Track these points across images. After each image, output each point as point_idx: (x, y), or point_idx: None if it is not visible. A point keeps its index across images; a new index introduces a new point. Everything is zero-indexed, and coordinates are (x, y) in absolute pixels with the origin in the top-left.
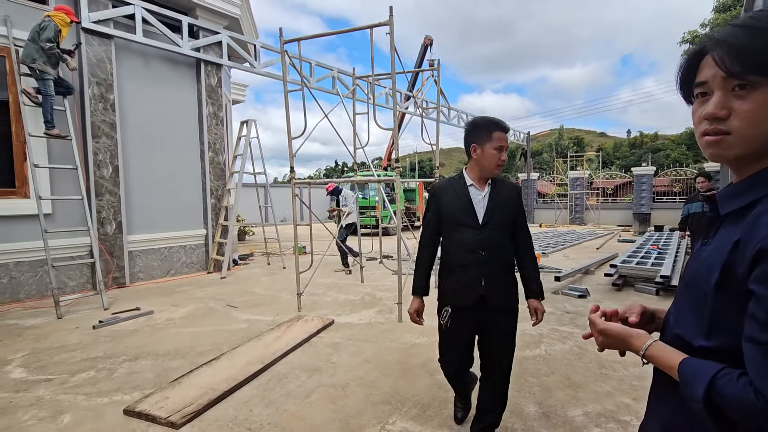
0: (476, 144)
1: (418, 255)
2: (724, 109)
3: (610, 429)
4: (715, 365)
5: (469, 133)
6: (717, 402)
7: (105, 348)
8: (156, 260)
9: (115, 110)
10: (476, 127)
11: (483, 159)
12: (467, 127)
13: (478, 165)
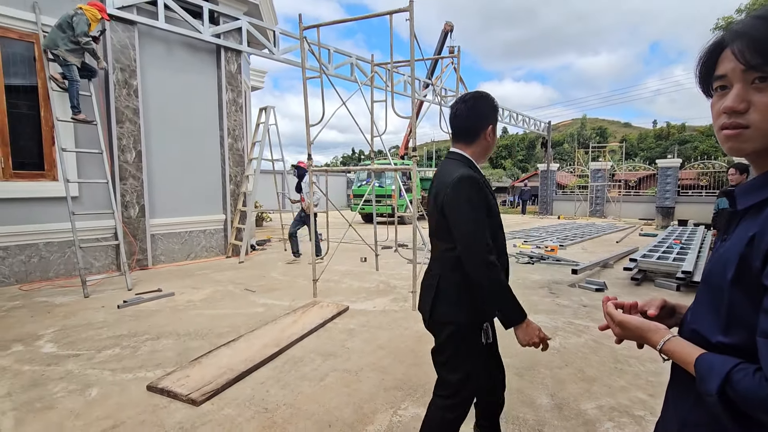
0: (494, 125)
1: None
2: (743, 103)
3: (623, 423)
4: (731, 360)
5: (492, 110)
6: (732, 397)
7: (129, 327)
8: (177, 244)
9: (138, 96)
10: (494, 106)
11: (492, 144)
12: (487, 103)
13: (485, 151)
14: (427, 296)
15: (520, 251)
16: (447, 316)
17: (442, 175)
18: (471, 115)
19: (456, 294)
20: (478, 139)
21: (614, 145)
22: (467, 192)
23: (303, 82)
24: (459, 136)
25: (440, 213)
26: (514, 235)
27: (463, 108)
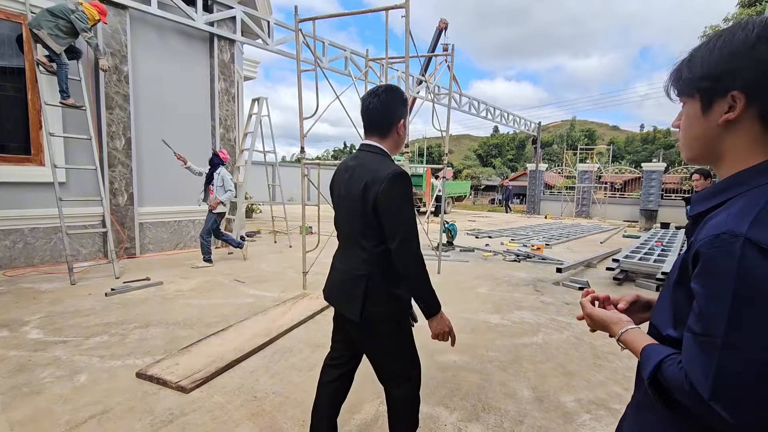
0: (404, 120)
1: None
2: (678, 121)
3: (600, 416)
4: (666, 350)
5: (402, 104)
6: (662, 382)
7: (117, 314)
8: (165, 233)
9: (129, 82)
10: (404, 99)
11: (403, 138)
12: (398, 97)
13: (397, 145)
14: (351, 295)
15: (507, 249)
16: (383, 314)
17: (368, 169)
18: (383, 109)
19: (389, 292)
20: (390, 133)
21: (602, 148)
22: (404, 188)
23: (297, 74)
24: (373, 129)
25: (372, 209)
26: (501, 233)
27: (375, 102)
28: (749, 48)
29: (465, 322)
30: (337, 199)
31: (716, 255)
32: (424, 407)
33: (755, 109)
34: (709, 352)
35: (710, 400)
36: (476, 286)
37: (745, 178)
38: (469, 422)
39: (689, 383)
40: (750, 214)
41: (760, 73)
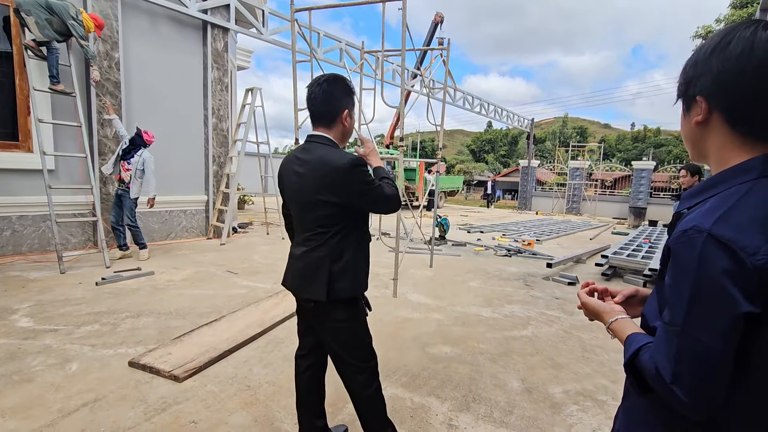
0: (349, 110)
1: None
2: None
3: (587, 407)
4: (647, 338)
5: (347, 93)
6: (638, 367)
7: (108, 304)
8: (156, 223)
9: (120, 69)
10: (344, 87)
11: (349, 129)
12: (342, 86)
13: (344, 135)
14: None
15: (499, 244)
16: (346, 289)
17: (324, 160)
18: (326, 99)
19: (351, 272)
20: (335, 123)
21: (593, 145)
22: (363, 171)
23: (293, 65)
24: (318, 119)
25: (333, 197)
26: (493, 228)
27: (318, 91)
28: (707, 57)
29: (457, 315)
30: (290, 192)
31: (681, 248)
32: (416, 397)
33: (717, 112)
34: (671, 339)
35: (671, 383)
36: (468, 280)
37: (726, 177)
38: (459, 412)
39: (655, 367)
40: (719, 211)
41: (713, 80)
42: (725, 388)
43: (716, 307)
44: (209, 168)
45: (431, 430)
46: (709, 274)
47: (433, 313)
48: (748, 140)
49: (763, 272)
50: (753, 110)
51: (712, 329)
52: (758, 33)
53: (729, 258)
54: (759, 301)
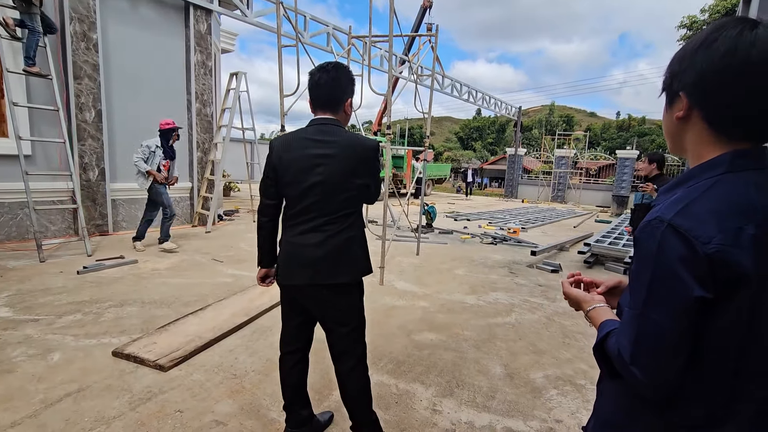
0: (351, 98)
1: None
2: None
3: (566, 391)
4: (616, 324)
5: (351, 82)
6: (606, 351)
7: (90, 293)
8: (140, 210)
9: (98, 51)
10: (348, 76)
11: (349, 117)
12: (347, 74)
13: (344, 122)
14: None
15: (485, 232)
16: (368, 270)
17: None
18: (334, 86)
19: (366, 251)
20: (340, 110)
21: (579, 134)
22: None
23: (278, 50)
24: (323, 105)
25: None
26: (480, 216)
27: (326, 78)
28: (692, 53)
29: (442, 302)
30: (305, 175)
31: (644, 237)
32: (401, 384)
33: (697, 109)
34: (632, 322)
35: (630, 363)
36: (454, 267)
37: (698, 172)
38: (443, 397)
39: (618, 349)
40: (682, 203)
41: (695, 78)
42: (681, 369)
43: (672, 291)
44: (193, 154)
45: (415, 415)
46: (666, 260)
47: (419, 301)
48: (722, 138)
49: (713, 260)
50: (730, 110)
51: (667, 312)
52: (744, 34)
53: (684, 246)
54: (711, 287)
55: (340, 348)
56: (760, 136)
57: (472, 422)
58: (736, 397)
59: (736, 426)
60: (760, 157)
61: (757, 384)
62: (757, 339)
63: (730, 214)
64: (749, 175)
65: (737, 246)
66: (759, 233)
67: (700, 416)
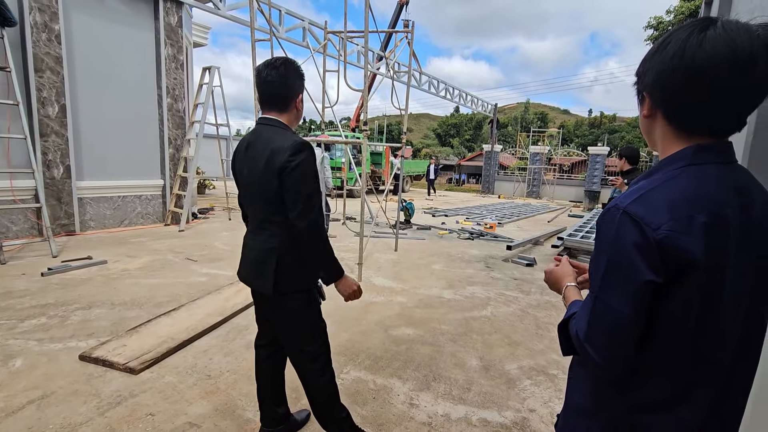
0: (302, 95)
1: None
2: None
3: (539, 381)
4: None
5: (300, 78)
6: (568, 331)
7: (56, 296)
8: (108, 209)
9: (61, 42)
10: (297, 72)
11: (301, 113)
12: (296, 70)
13: (296, 120)
14: (264, 269)
15: (462, 227)
16: (294, 285)
17: (269, 142)
18: (283, 83)
19: (299, 262)
20: (290, 107)
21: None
22: (307, 158)
23: (252, 44)
24: (272, 103)
25: (277, 181)
26: (458, 212)
27: (275, 75)
28: (651, 56)
29: (420, 297)
30: (241, 177)
31: (602, 224)
32: (378, 379)
33: (658, 108)
34: (589, 305)
35: (584, 342)
36: (432, 263)
37: (662, 166)
38: (420, 391)
39: (575, 329)
40: (640, 192)
41: (653, 79)
42: (632, 349)
43: (625, 275)
44: (165, 151)
45: (393, 410)
46: (620, 246)
47: (397, 297)
48: (683, 134)
49: (662, 245)
50: (684, 109)
51: (621, 295)
52: (692, 37)
53: (638, 232)
54: (662, 272)
55: (287, 351)
56: (720, 132)
57: (448, 415)
58: (693, 381)
59: (693, 408)
60: (723, 152)
61: (711, 369)
62: (709, 325)
63: (683, 203)
64: (710, 168)
65: (687, 233)
66: (711, 222)
67: (658, 398)
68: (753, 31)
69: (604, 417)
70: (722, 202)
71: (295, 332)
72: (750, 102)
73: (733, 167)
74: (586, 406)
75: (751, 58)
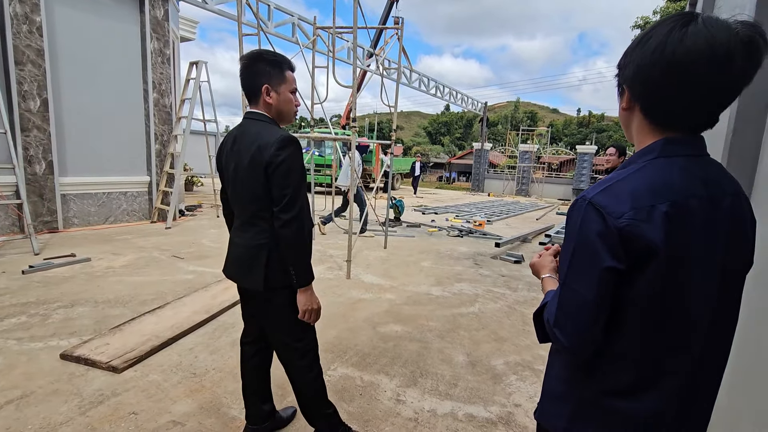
0: (272, 85)
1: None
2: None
3: (525, 376)
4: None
5: (268, 69)
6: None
7: (37, 294)
8: (93, 206)
9: (43, 35)
10: (265, 62)
11: (278, 106)
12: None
13: (277, 113)
14: (253, 266)
15: (452, 225)
16: (286, 280)
17: (253, 137)
18: (246, 75)
19: (273, 263)
20: (259, 99)
21: (542, 129)
22: (295, 152)
23: (239, 39)
24: (248, 97)
25: (264, 176)
26: (447, 209)
27: (241, 68)
28: (632, 49)
29: (409, 294)
30: (227, 172)
31: (570, 213)
32: (366, 376)
33: (636, 101)
34: (558, 292)
35: (554, 326)
36: (421, 260)
37: (635, 158)
38: (407, 387)
39: (547, 316)
40: (606, 183)
41: (633, 72)
42: (598, 333)
43: (588, 262)
44: (151, 147)
45: (380, 406)
46: (585, 234)
47: (385, 294)
48: (658, 128)
49: (623, 233)
50: (662, 103)
51: (585, 282)
52: (673, 32)
53: (601, 221)
54: (623, 259)
55: (275, 347)
56: (692, 127)
57: (434, 410)
58: (661, 369)
59: (658, 394)
60: (692, 145)
61: (678, 356)
62: (677, 314)
63: (646, 192)
64: (678, 160)
65: (648, 222)
66: (672, 211)
67: (626, 384)
68: (732, 28)
69: (575, 401)
70: (687, 192)
71: (283, 328)
72: (725, 98)
73: (704, 160)
74: (560, 392)
75: (728, 55)
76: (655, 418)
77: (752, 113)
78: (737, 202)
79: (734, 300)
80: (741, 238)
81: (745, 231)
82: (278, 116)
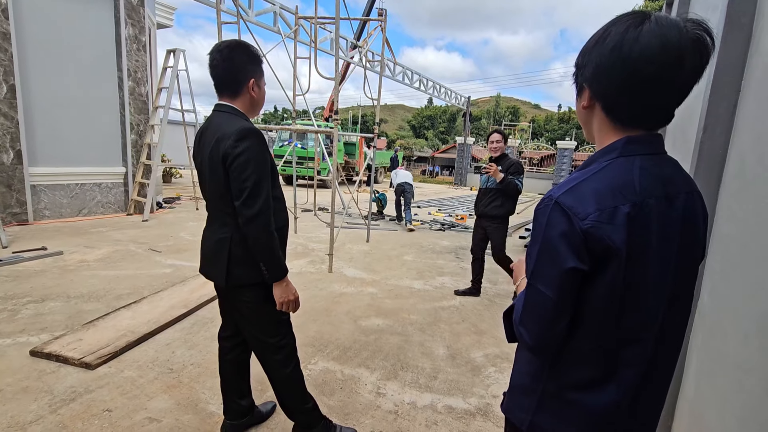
0: (256, 79)
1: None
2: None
3: (503, 368)
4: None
5: (252, 61)
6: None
7: (5, 288)
8: (65, 197)
9: (9, 17)
10: (253, 56)
11: (259, 98)
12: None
13: (253, 105)
14: (216, 261)
15: (434, 219)
16: (249, 277)
17: (218, 128)
18: (228, 67)
19: (237, 258)
20: (241, 92)
21: (524, 125)
22: (252, 145)
23: (218, 27)
24: (221, 88)
25: (223, 169)
26: (430, 203)
27: (218, 59)
28: (591, 48)
29: (390, 288)
30: (197, 166)
31: (537, 214)
32: (346, 369)
33: (596, 100)
34: (524, 291)
35: (519, 325)
36: (403, 253)
37: (596, 157)
38: (387, 380)
39: (515, 315)
40: (570, 184)
41: (593, 71)
42: (561, 331)
43: (552, 262)
44: (127, 137)
45: (360, 399)
46: (550, 234)
47: (367, 287)
48: (618, 126)
49: (587, 234)
50: (621, 101)
51: (549, 282)
52: (629, 31)
53: (566, 221)
54: (586, 260)
55: (249, 343)
56: (651, 125)
57: (414, 402)
58: (619, 362)
59: (616, 387)
60: (652, 143)
61: (634, 350)
62: (630, 310)
63: (609, 193)
64: (637, 159)
65: (611, 223)
66: (633, 212)
67: (586, 377)
68: (681, 26)
69: (539, 394)
70: (646, 192)
71: (255, 324)
72: (680, 96)
73: (661, 158)
74: (525, 385)
75: (679, 53)
76: (611, 409)
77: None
78: (690, 199)
79: (688, 294)
80: (693, 235)
81: (697, 228)
82: (252, 109)
